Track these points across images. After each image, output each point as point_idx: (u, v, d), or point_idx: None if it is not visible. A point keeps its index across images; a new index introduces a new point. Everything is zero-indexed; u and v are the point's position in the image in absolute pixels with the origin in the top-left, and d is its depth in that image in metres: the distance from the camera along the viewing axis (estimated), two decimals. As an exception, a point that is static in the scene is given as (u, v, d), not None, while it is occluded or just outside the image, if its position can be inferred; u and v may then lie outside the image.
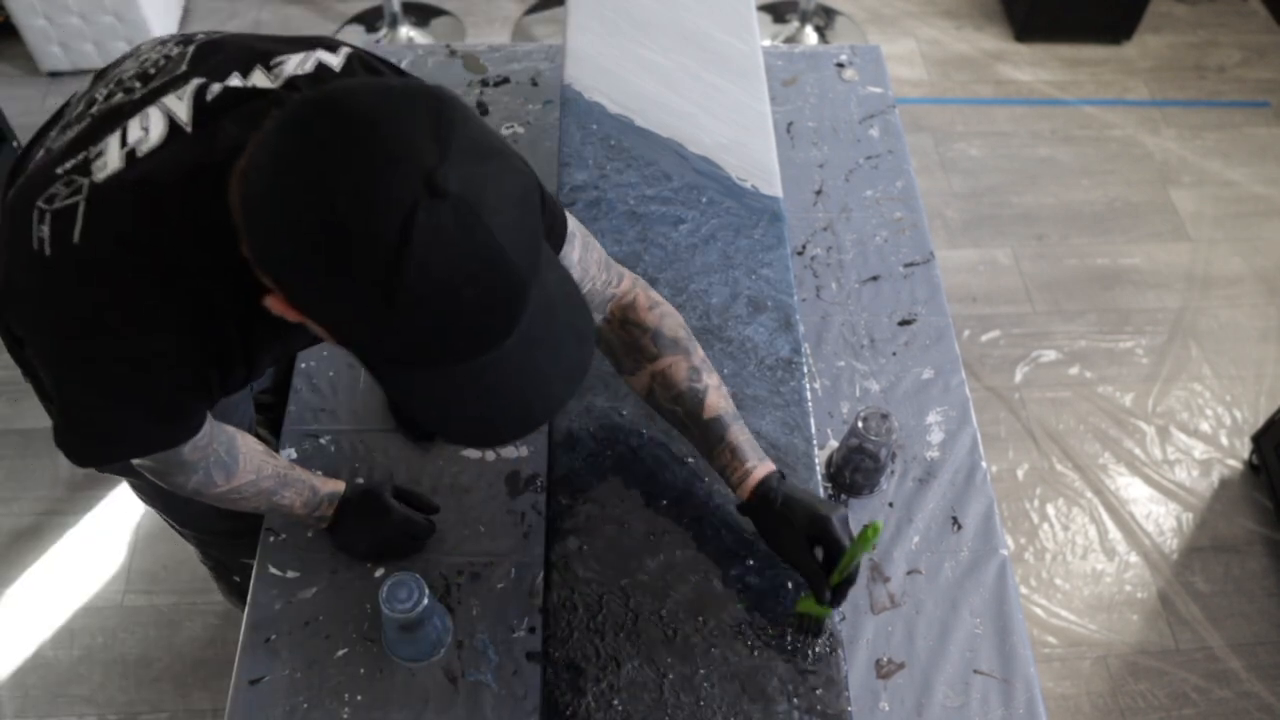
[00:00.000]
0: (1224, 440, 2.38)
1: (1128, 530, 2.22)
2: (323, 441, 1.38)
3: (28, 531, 2.11)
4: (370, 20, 3.17)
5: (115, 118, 0.86)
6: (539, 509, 1.32)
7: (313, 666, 1.19)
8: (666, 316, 1.12)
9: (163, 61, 0.91)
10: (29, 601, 2.03)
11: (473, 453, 1.38)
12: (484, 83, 1.85)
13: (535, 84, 1.85)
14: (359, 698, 1.17)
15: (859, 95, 1.89)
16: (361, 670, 1.19)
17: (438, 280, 0.66)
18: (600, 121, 1.50)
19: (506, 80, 1.85)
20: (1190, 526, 2.24)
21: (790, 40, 3.24)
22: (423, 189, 0.65)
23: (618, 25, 1.64)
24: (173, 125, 0.84)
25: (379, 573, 1.26)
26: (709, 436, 1.09)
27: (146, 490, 1.34)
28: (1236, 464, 2.33)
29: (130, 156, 0.82)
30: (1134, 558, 2.18)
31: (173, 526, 1.49)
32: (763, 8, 3.30)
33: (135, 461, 1.00)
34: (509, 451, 1.38)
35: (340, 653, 1.20)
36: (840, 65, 1.94)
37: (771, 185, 1.46)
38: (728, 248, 1.37)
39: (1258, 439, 2.29)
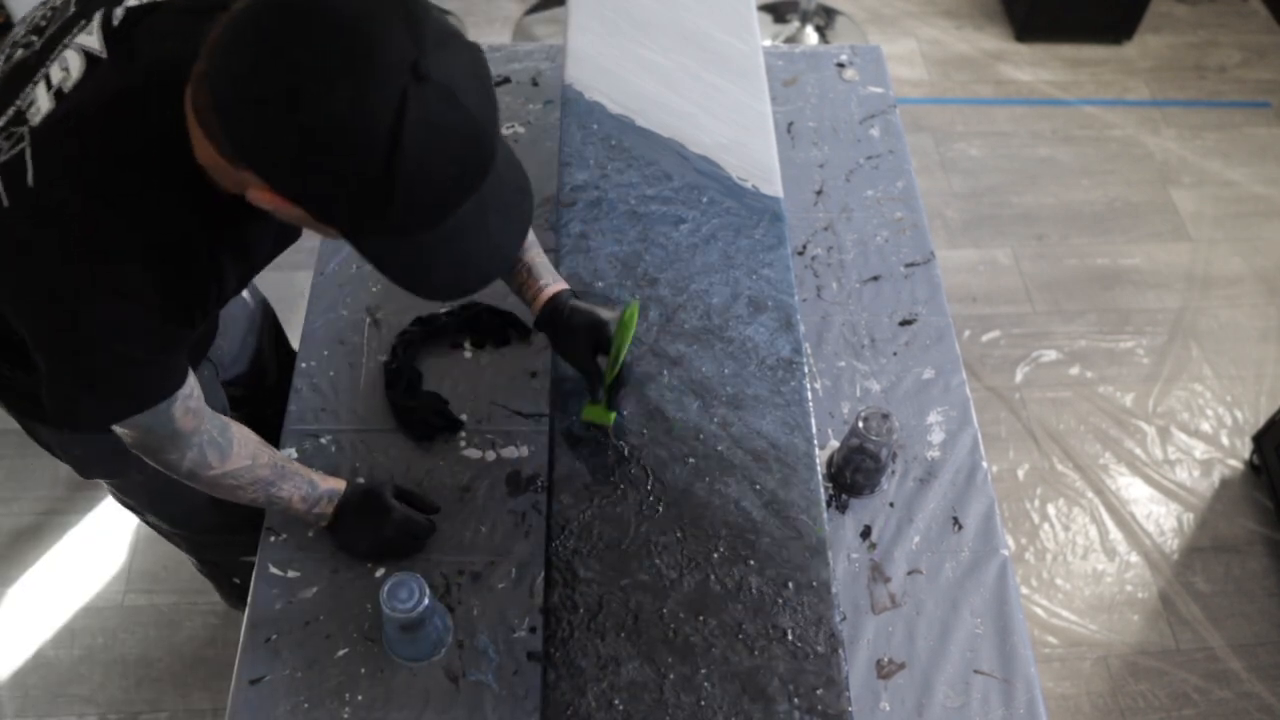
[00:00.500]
0: (1225, 440, 2.37)
1: (1128, 530, 2.22)
2: (323, 441, 1.38)
3: (28, 531, 2.11)
4: (370, 20, 3.16)
5: (23, 72, 0.88)
6: (539, 509, 1.32)
7: (313, 666, 1.19)
8: None
9: (49, 13, 0.93)
10: (29, 601, 2.03)
11: (474, 452, 1.38)
12: (484, 83, 1.85)
13: (536, 84, 1.85)
14: (359, 698, 1.17)
15: (859, 95, 1.89)
16: (362, 670, 1.19)
17: (428, 161, 0.73)
18: (601, 121, 1.50)
19: (507, 80, 1.85)
20: (1191, 526, 2.23)
21: (790, 40, 3.24)
22: (410, 79, 0.70)
23: (618, 25, 1.64)
24: (89, 57, 0.86)
25: (379, 573, 1.26)
26: None
27: (136, 493, 1.33)
28: (1237, 464, 2.33)
29: (58, 95, 0.85)
30: (1134, 558, 2.18)
31: (165, 531, 1.48)
32: (763, 8, 3.30)
33: (127, 436, 0.99)
34: (509, 451, 1.38)
35: (340, 653, 1.20)
36: (840, 65, 1.94)
37: (772, 185, 1.46)
38: (728, 248, 1.37)
39: (1258, 439, 2.29)
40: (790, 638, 1.08)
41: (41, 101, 0.85)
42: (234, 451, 1.08)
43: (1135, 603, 2.12)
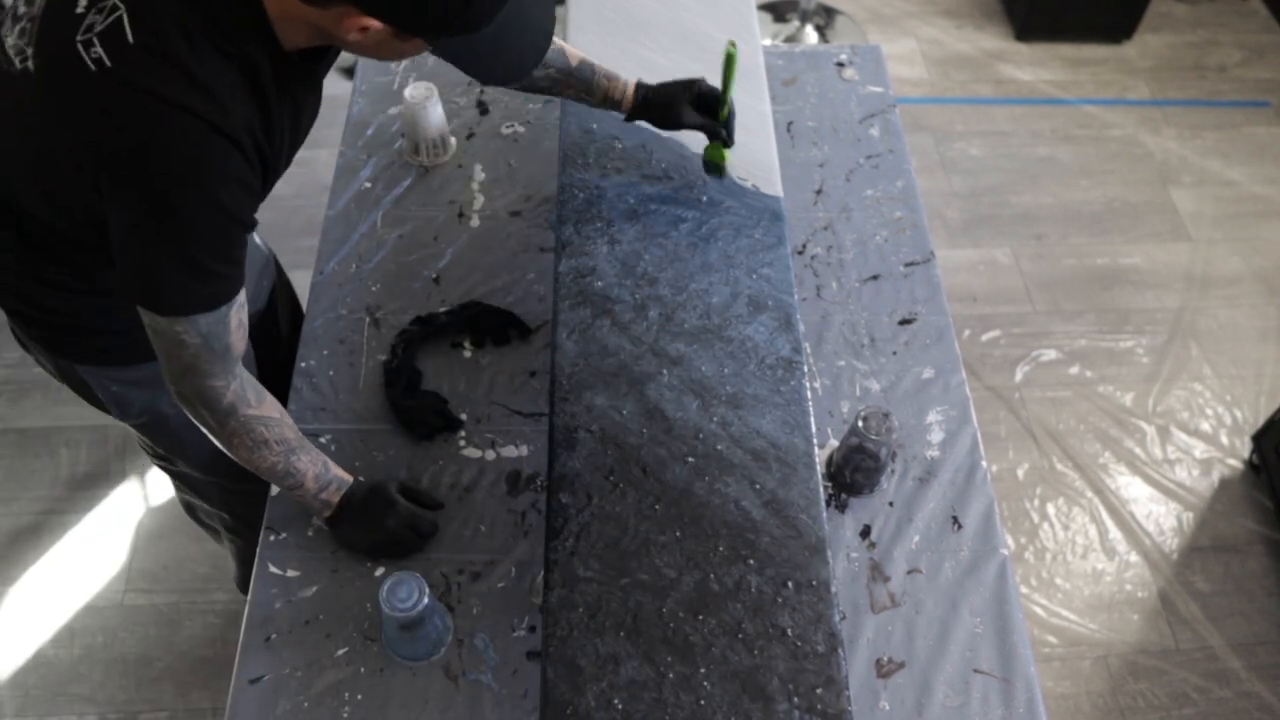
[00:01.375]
0: (1224, 440, 2.38)
1: (1128, 530, 2.22)
2: (323, 440, 1.38)
3: (28, 531, 2.11)
4: (370, 20, 3.16)
5: None
6: (539, 508, 1.32)
7: (313, 665, 1.19)
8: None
9: None
10: (29, 601, 2.03)
11: (473, 451, 1.38)
12: (484, 82, 1.85)
13: (535, 83, 1.85)
14: (359, 697, 1.17)
15: (859, 95, 1.89)
16: (361, 669, 1.19)
17: None
18: (600, 120, 1.50)
19: (507, 80, 1.85)
20: (1190, 526, 2.24)
21: (790, 40, 3.24)
22: None
23: (618, 25, 1.64)
24: None
25: (379, 572, 1.26)
26: (584, 78, 1.36)
27: (170, 433, 1.33)
28: (1237, 463, 2.33)
29: None
30: (1134, 557, 2.18)
31: (196, 481, 1.48)
32: (763, 7, 3.30)
33: (183, 349, 1.00)
34: (509, 451, 1.38)
35: (340, 652, 1.20)
36: (840, 65, 1.94)
37: (772, 184, 1.46)
38: (728, 247, 1.37)
39: (1258, 438, 2.29)
40: (790, 637, 1.08)
41: None
42: (267, 399, 1.12)
43: (1135, 602, 2.12)
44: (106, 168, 0.90)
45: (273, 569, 1.26)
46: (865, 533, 1.35)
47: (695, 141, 1.48)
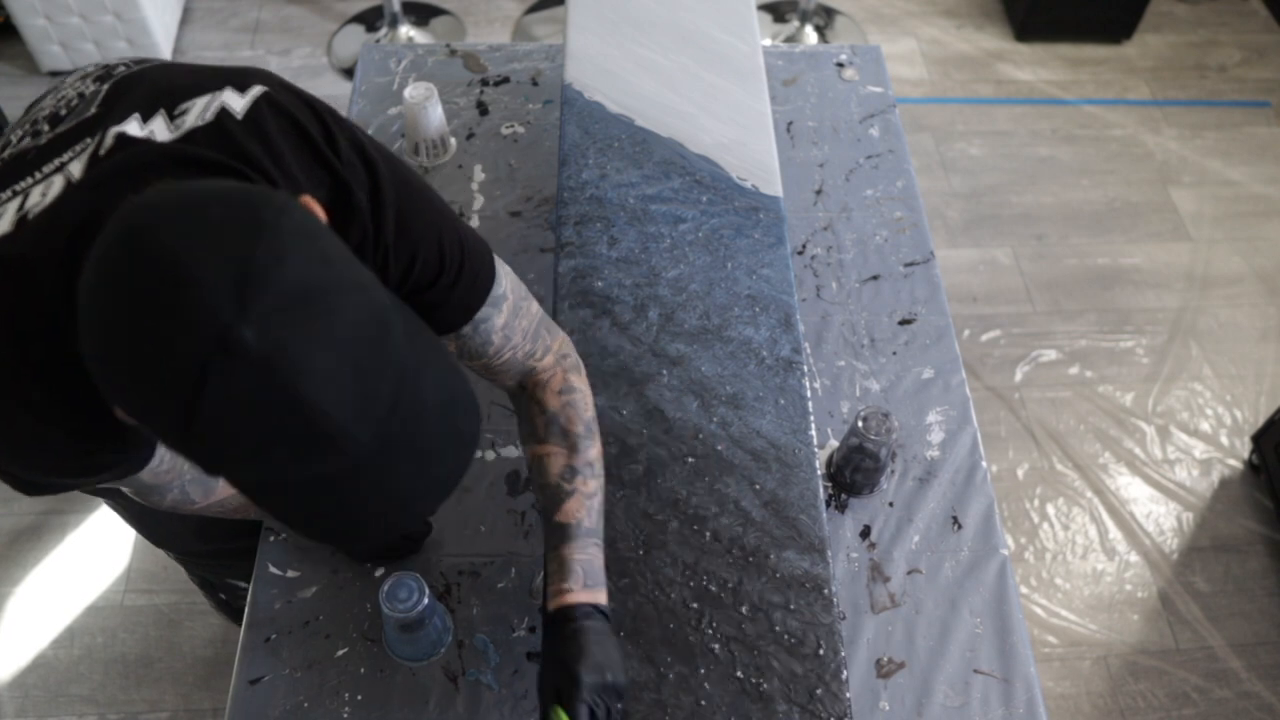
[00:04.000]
0: (1224, 440, 2.38)
1: (1128, 530, 2.22)
2: (323, 441, 1.38)
3: (29, 531, 2.11)
4: (370, 20, 3.17)
5: (17, 168, 0.82)
6: (538, 508, 1.32)
7: (313, 666, 1.19)
8: (570, 406, 1.06)
9: (76, 101, 0.86)
10: (30, 601, 2.03)
11: (473, 452, 1.38)
12: (484, 82, 1.85)
13: (535, 84, 1.85)
14: (359, 697, 1.17)
15: (859, 95, 1.89)
16: (362, 670, 1.19)
17: (236, 437, 0.63)
18: (600, 121, 1.50)
19: (506, 80, 1.85)
20: (1190, 526, 2.24)
21: (790, 40, 3.24)
22: (215, 349, 0.60)
23: (618, 25, 1.64)
24: (68, 184, 0.79)
25: (379, 572, 1.26)
26: (550, 538, 1.05)
27: (124, 508, 1.32)
28: (1237, 464, 2.33)
29: (21, 221, 0.77)
30: (1134, 557, 2.18)
31: (152, 544, 1.49)
32: (763, 7, 3.30)
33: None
34: (509, 451, 1.38)
35: (340, 652, 1.20)
36: (840, 65, 1.94)
37: (772, 185, 1.46)
38: (728, 247, 1.37)
39: (1258, 439, 2.29)
40: (789, 638, 1.08)
41: (4, 222, 0.79)
42: (220, 484, 1.04)
43: (1135, 602, 2.12)
44: None
45: (273, 569, 1.26)
46: (865, 533, 1.35)
47: (694, 142, 1.48)
